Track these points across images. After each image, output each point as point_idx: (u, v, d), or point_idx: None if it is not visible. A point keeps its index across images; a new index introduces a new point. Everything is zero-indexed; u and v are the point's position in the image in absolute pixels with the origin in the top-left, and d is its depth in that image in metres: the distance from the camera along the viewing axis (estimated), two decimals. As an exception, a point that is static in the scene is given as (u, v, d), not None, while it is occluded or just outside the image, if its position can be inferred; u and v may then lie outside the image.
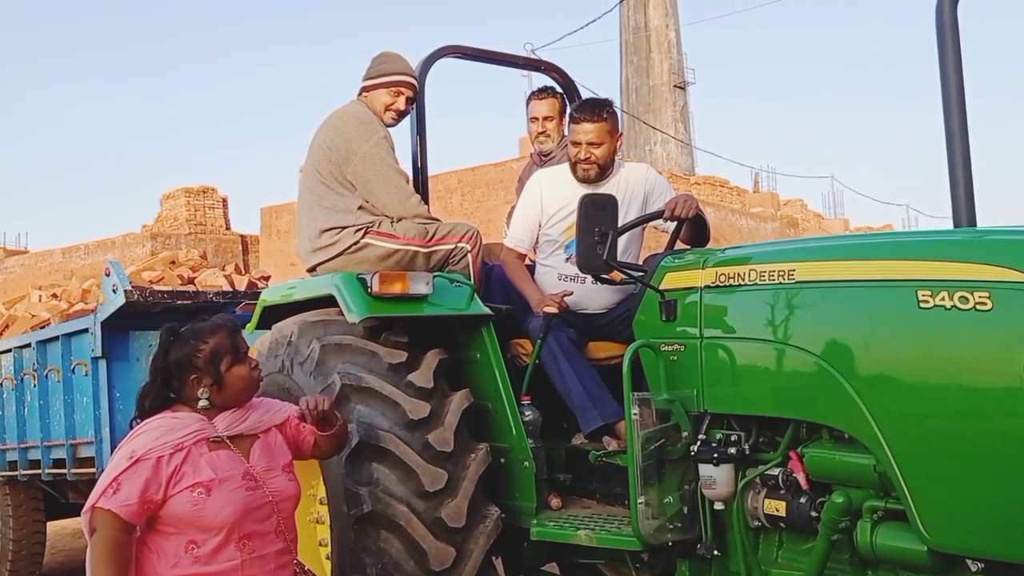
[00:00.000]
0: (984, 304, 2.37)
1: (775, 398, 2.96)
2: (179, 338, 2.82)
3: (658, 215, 3.73)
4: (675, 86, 40.35)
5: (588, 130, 3.86)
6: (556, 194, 4.00)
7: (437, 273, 3.93)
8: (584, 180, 3.92)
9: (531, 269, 4.20)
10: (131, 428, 2.85)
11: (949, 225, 2.73)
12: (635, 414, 3.13)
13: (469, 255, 4.11)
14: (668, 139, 38.24)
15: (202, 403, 2.77)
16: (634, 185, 3.99)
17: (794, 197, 30.92)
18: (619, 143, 3.97)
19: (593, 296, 3.94)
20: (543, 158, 4.87)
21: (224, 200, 22.52)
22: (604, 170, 3.93)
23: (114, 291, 5.27)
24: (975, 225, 2.71)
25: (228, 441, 2.80)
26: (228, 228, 22.37)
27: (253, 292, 5.79)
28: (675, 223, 3.72)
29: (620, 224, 3.38)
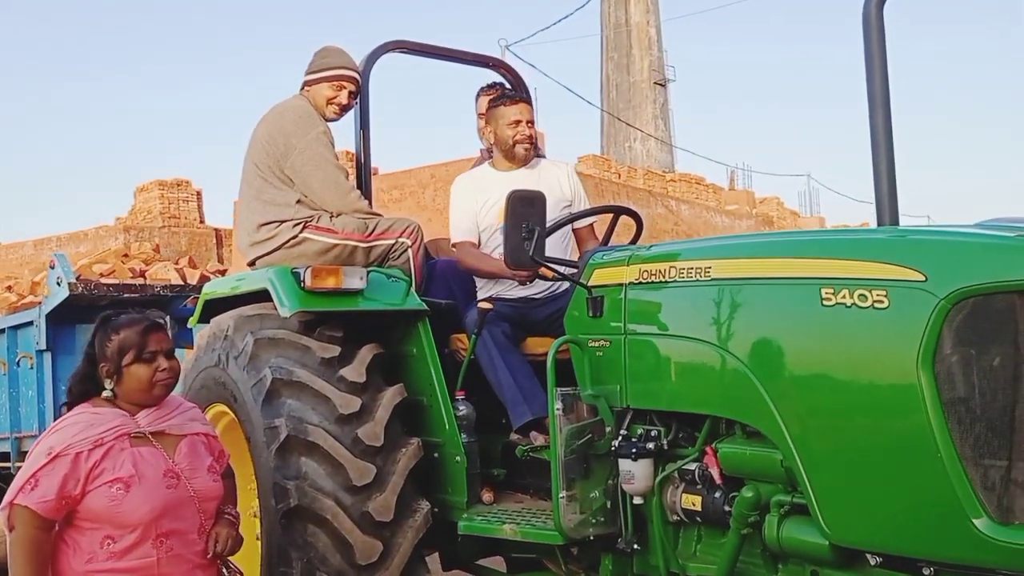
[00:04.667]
0: (881, 302, 2.40)
1: (692, 394, 2.99)
2: (102, 326, 2.84)
3: (589, 213, 3.79)
4: (655, 83, 40.42)
5: (525, 110, 4.09)
6: (483, 187, 4.08)
7: (374, 268, 3.94)
8: (524, 160, 4.09)
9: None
10: (60, 414, 2.86)
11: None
12: (558, 409, 3.16)
13: (409, 250, 4.12)
14: (647, 136, 38.33)
15: (106, 393, 2.79)
16: (559, 181, 4.07)
17: (770, 195, 31.09)
18: None
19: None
20: (492, 154, 4.89)
21: (198, 193, 22.37)
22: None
23: (58, 284, 5.25)
24: (897, 223, 2.75)
25: (151, 437, 2.80)
26: (202, 221, 22.23)
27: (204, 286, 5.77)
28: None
29: (549, 221, 3.41)
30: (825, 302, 2.52)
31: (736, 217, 24.46)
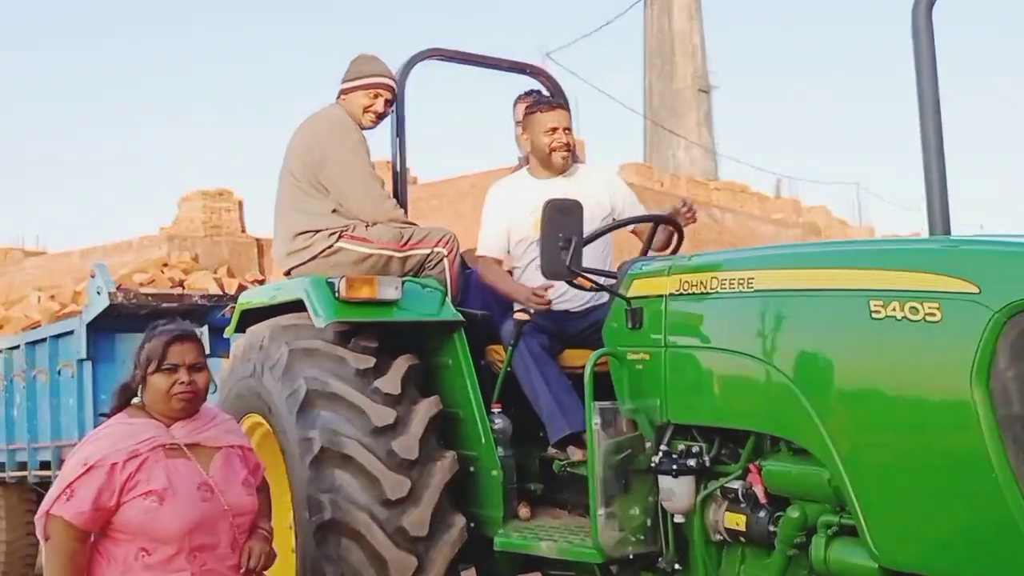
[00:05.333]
0: (933, 315, 2.30)
1: (735, 409, 2.90)
2: (146, 334, 2.85)
3: (629, 222, 3.71)
4: (699, 90, 40.12)
5: (562, 116, 3.97)
6: (519, 196, 3.99)
7: (409, 278, 3.89)
8: (561, 168, 3.99)
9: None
10: (99, 424, 2.86)
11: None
12: (596, 424, 3.09)
13: (445, 260, 4.07)
14: (691, 144, 38.04)
15: (136, 400, 2.78)
16: (598, 188, 3.98)
17: (818, 204, 30.63)
18: None
19: (572, 290, 3.88)
20: (529, 161, 4.83)
21: (240, 203, 22.55)
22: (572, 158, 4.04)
23: (98, 293, 5.30)
24: (949, 233, 2.64)
25: (186, 449, 2.77)
26: (243, 231, 22.40)
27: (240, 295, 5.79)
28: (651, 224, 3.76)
29: (588, 230, 3.33)
30: (874, 315, 2.42)
31: (782, 226, 24.13)
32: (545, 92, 4.90)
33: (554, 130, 3.92)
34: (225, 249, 20.34)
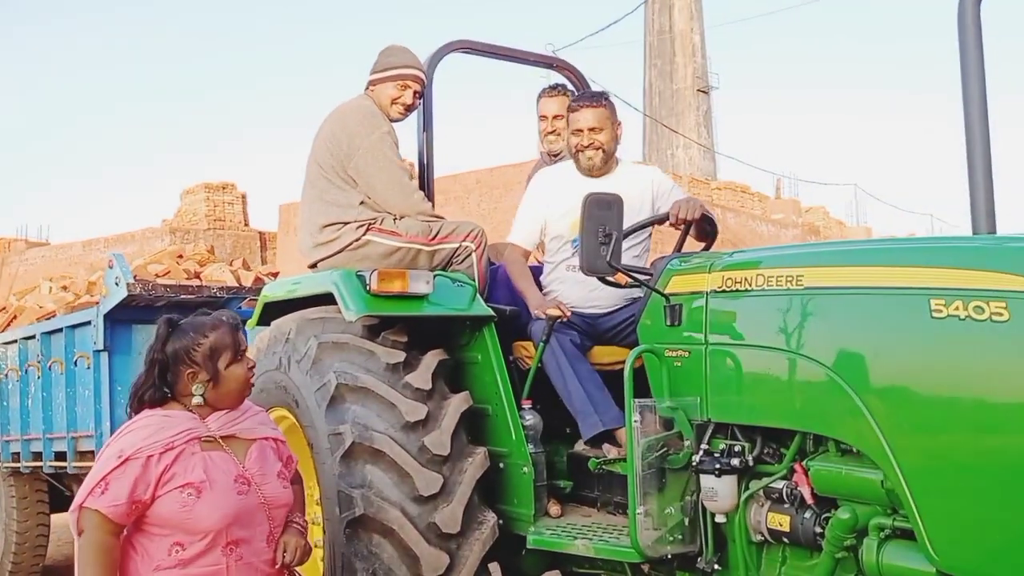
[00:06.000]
0: (1000, 315, 2.25)
1: (781, 408, 2.85)
2: (178, 330, 2.74)
3: (662, 218, 3.66)
4: (699, 90, 40.07)
5: (588, 117, 3.83)
6: (561, 191, 3.91)
7: (439, 272, 3.84)
8: (588, 170, 3.87)
9: (537, 271, 4.11)
10: (129, 417, 2.79)
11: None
12: (636, 421, 3.04)
13: (473, 255, 4.02)
14: (690, 143, 38.00)
15: (196, 400, 2.69)
16: (641, 186, 3.91)
17: (816, 204, 30.64)
18: (619, 132, 3.93)
19: (603, 291, 3.83)
20: (552, 158, 4.77)
21: (243, 196, 22.55)
22: (608, 156, 3.89)
23: (116, 284, 5.24)
24: (995, 232, 2.60)
25: (221, 442, 2.72)
26: (246, 224, 22.41)
27: (259, 288, 5.71)
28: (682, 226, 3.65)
29: (626, 226, 3.28)
30: (935, 314, 2.37)
31: (782, 226, 24.12)
32: (569, 86, 4.86)
33: (580, 131, 3.83)
34: (228, 242, 20.31)
